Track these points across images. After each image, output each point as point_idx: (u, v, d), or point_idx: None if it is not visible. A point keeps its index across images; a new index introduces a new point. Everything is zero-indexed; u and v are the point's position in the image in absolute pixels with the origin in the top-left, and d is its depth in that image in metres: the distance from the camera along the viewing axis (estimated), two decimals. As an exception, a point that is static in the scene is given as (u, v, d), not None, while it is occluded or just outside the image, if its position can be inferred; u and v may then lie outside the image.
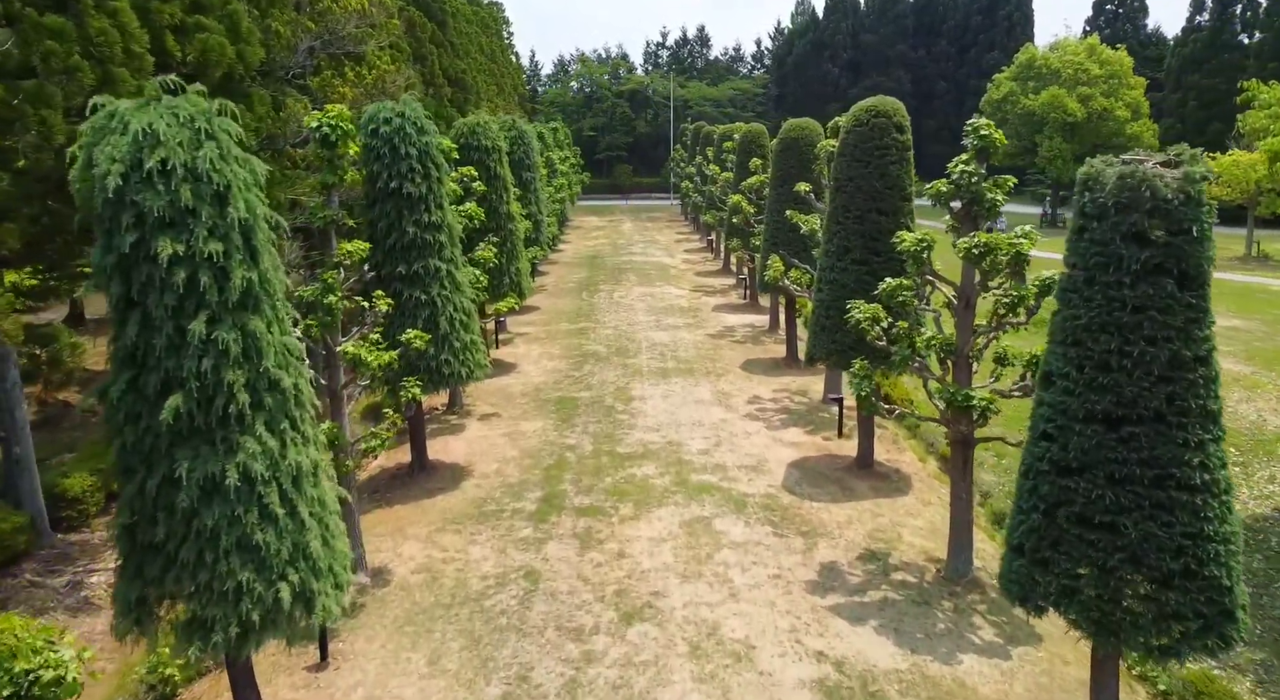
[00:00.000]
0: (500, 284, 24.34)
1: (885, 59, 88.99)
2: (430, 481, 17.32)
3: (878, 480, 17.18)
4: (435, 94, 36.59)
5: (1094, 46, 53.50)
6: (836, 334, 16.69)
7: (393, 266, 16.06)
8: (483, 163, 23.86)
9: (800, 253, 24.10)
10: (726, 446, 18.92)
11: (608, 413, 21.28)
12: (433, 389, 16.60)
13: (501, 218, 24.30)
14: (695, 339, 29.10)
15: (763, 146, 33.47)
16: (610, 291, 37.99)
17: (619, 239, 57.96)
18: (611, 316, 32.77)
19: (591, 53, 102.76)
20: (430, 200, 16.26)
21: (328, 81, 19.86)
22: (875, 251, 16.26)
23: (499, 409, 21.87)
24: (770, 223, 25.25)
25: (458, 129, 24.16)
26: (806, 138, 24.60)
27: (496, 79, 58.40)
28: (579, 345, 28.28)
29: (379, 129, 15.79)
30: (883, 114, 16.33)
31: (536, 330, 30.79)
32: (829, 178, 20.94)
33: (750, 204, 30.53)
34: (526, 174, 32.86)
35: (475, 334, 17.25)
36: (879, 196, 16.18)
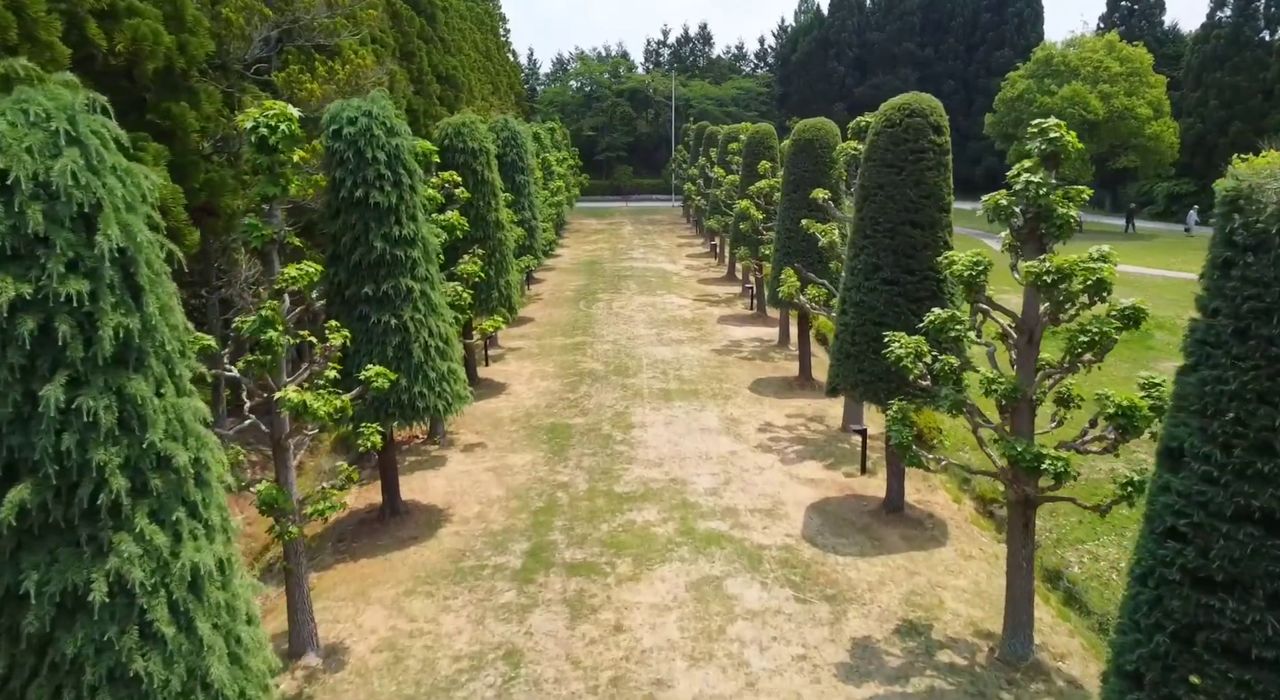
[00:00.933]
0: (489, 299, 22.36)
1: (892, 57, 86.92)
2: (403, 528, 15.30)
3: (909, 527, 15.16)
4: (424, 92, 34.57)
5: (1113, 43, 51.47)
6: (863, 362, 14.68)
7: (358, 287, 14.06)
8: (468, 166, 21.88)
9: (816, 266, 22.07)
10: (737, 485, 16.90)
11: (605, 443, 19.25)
12: (405, 425, 14.61)
13: (489, 226, 22.30)
14: (700, 355, 27.08)
15: (771, 148, 31.47)
16: (609, 301, 35.97)
17: (619, 243, 55.94)
18: (610, 329, 30.74)
19: (591, 51, 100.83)
20: (402, 211, 14.26)
21: (294, 77, 17.84)
22: (909, 270, 14.25)
23: (485, 438, 19.85)
24: (782, 231, 23.23)
25: (441, 130, 22.18)
26: (822, 139, 22.57)
27: (492, 77, 56.37)
28: (575, 362, 26.26)
29: (342, 130, 13.79)
30: (918, 113, 14.30)
31: (530, 345, 28.77)
32: (854, 184, 18.93)
33: (759, 210, 28.50)
34: (520, 177, 30.91)
35: (454, 361, 15.24)
36: (913, 207, 14.16)
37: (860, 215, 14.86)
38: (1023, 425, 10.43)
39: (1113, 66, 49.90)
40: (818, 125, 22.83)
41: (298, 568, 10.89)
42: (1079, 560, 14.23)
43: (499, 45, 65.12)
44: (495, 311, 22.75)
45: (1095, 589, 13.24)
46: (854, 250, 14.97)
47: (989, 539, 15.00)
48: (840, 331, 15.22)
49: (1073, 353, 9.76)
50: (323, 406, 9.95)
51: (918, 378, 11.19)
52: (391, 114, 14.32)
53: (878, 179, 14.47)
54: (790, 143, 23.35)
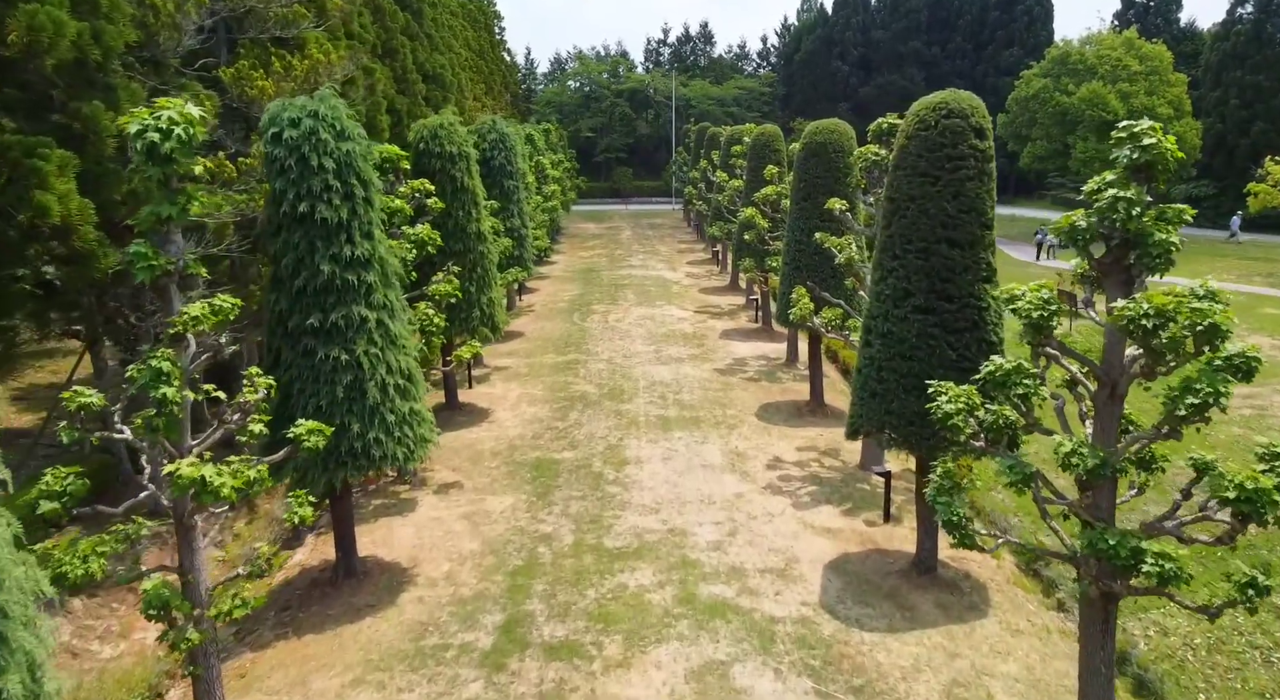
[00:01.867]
0: (469, 318, 20.32)
1: (898, 56, 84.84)
2: (359, 592, 13.24)
3: (944, 591, 13.09)
4: (408, 92, 32.54)
5: (1132, 40, 49.36)
6: (892, 402, 12.64)
7: (303, 316, 12.04)
8: (446, 173, 19.85)
9: (829, 281, 20.03)
10: (744, 536, 14.84)
11: (595, 483, 17.19)
12: (358, 476, 12.56)
13: (469, 239, 20.27)
14: (701, 375, 25.01)
15: (778, 151, 29.42)
16: (605, 313, 33.90)
17: (617, 249, 53.88)
18: (605, 345, 28.68)
19: (590, 50, 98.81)
20: (354, 228, 12.24)
21: (244, 73, 15.81)
22: (946, 296, 12.20)
23: (463, 475, 17.80)
24: (791, 243, 21.17)
25: (416, 132, 20.15)
26: (835, 143, 20.51)
27: (485, 77, 54.35)
28: (566, 385, 24.19)
29: (283, 134, 11.78)
30: (956, 113, 12.26)
31: (518, 363, 26.71)
32: (875, 193, 16.87)
33: (765, 218, 26.46)
34: (508, 182, 28.89)
35: (417, 400, 13.20)
36: (952, 223, 12.11)
37: (888, 232, 12.80)
38: (1104, 501, 8.37)
39: (1132, 64, 47.80)
40: (830, 127, 20.77)
41: (207, 672, 8.84)
42: (1144, 633, 12.17)
43: (493, 44, 63.12)
44: (477, 332, 20.73)
45: (1170, 674, 11.17)
46: (880, 272, 12.92)
47: (1036, 605, 12.94)
48: (864, 365, 13.16)
49: (1173, 416, 7.69)
50: (227, 482, 7.88)
51: (969, 438, 9.13)
52: (343, 115, 12.30)
53: (909, 190, 12.43)
54: (800, 146, 21.30)
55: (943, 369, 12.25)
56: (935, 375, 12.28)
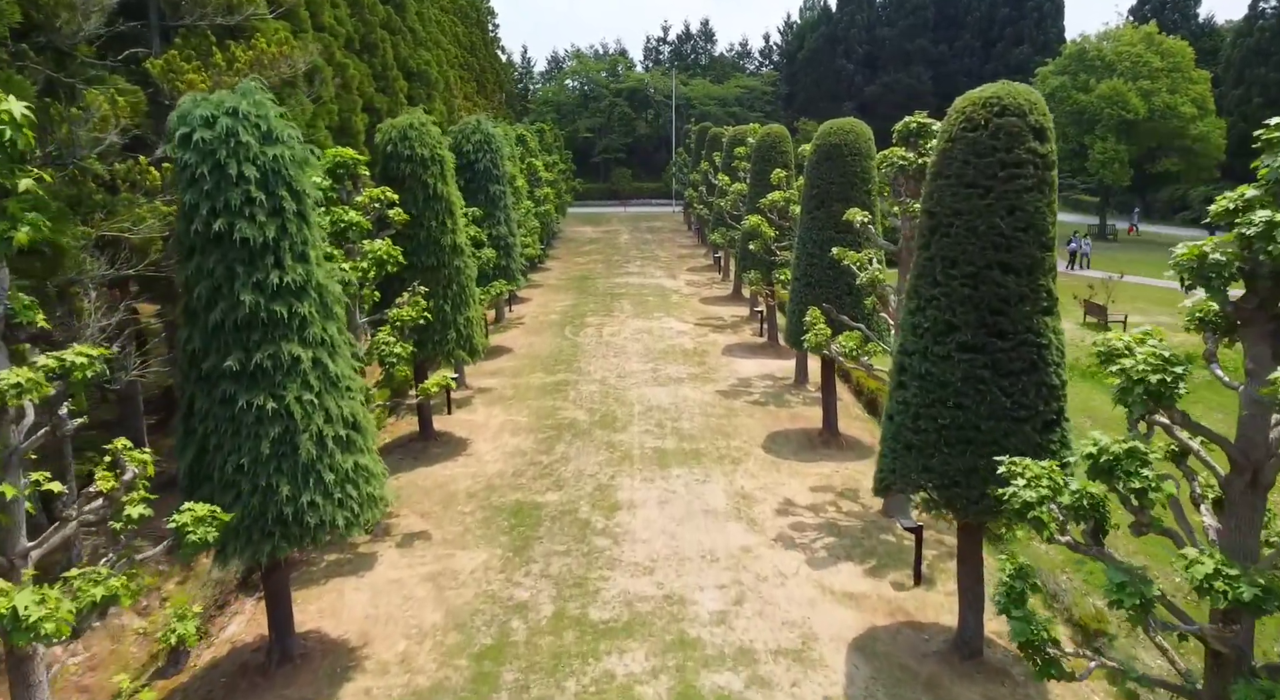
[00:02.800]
0: (443, 340, 18.22)
1: (904, 54, 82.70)
2: (293, 684, 11.12)
3: (992, 681, 10.96)
4: (388, 89, 30.43)
5: (1152, 35, 47.19)
6: (931, 457, 10.52)
7: (219, 357, 9.92)
8: (416, 178, 17.75)
9: (846, 298, 17.93)
10: (753, 604, 12.71)
11: (581, 533, 15.06)
12: (285, 551, 10.43)
13: (443, 252, 18.16)
14: (703, 399, 22.87)
15: (784, 153, 27.32)
16: (599, 326, 31.75)
17: (614, 254, 51.75)
18: (599, 364, 26.54)
19: (588, 49, 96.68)
20: (283, 249, 10.11)
21: (174, 64, 13.69)
22: (999, 331, 10.06)
23: (431, 523, 15.67)
24: (803, 255, 19.05)
25: (383, 134, 18.03)
26: (852, 145, 18.39)
27: (477, 75, 52.26)
28: (554, 410, 22.05)
29: (194, 135, 9.66)
30: (1012, 110, 10.11)
31: (503, 384, 24.57)
32: (902, 203, 14.73)
33: (771, 226, 24.33)
34: (494, 187, 26.79)
35: (365, 452, 11.08)
36: (1005, 244, 9.98)
37: (926, 253, 10.67)
38: (1245, 631, 6.24)
39: (1153, 61, 45.64)
40: (846, 127, 18.63)
41: None
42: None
43: (486, 41, 61.00)
44: (453, 356, 18.60)
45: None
46: (917, 301, 10.78)
47: (1103, 696, 10.80)
48: (896, 410, 11.03)
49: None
50: (55, 612, 5.73)
51: (1054, 532, 6.99)
52: (270, 112, 10.18)
53: (953, 203, 10.29)
54: (812, 149, 19.17)
55: (993, 419, 10.14)
56: (985, 426, 10.18)
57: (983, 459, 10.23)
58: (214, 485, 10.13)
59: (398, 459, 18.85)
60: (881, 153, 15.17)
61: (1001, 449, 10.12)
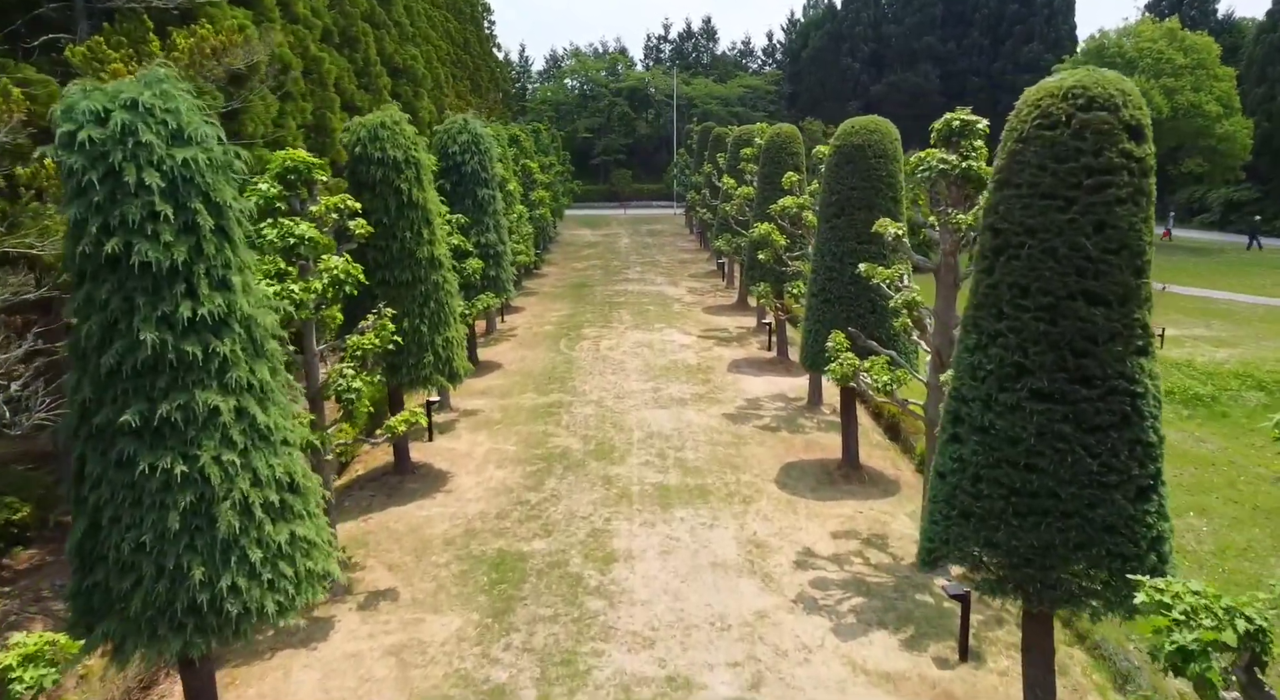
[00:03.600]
0: (419, 365, 16.28)
1: (911, 52, 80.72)
2: (220, 799, 9.17)
3: (1066, 797, 9.00)
4: (370, 86, 28.50)
5: (1174, 31, 45.23)
6: (995, 530, 8.59)
7: (115, 410, 7.99)
8: (388, 184, 15.82)
9: (870, 317, 16.00)
10: (774, 688, 10.75)
11: (571, 592, 13.11)
12: (201, 649, 8.49)
13: (419, 266, 16.26)
14: (708, 423, 20.91)
15: (795, 154, 25.38)
16: (597, 339, 29.79)
17: (613, 259, 49.79)
18: (595, 382, 24.59)
19: (588, 48, 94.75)
20: (198, 274, 8.18)
21: (98, 52, 11.75)
22: (1083, 377, 8.11)
23: (401, 577, 13.72)
24: (820, 269, 17.11)
25: (352, 133, 16.09)
26: (876, 146, 16.45)
27: (471, 72, 50.31)
28: (545, 437, 20.09)
29: (79, 133, 7.75)
30: (1100, 103, 8.13)
31: (491, 406, 22.61)
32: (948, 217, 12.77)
33: (783, 235, 22.38)
34: (483, 191, 24.87)
35: (306, 518, 9.16)
36: (1092, 269, 8.03)
37: (990, 280, 8.70)
38: None
39: (1176, 57, 43.65)
40: (870, 127, 16.68)
41: None
42: None
43: (481, 38, 59.07)
44: (430, 381, 16.66)
45: None
46: (977, 336, 8.81)
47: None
48: (950, 469, 9.06)
49: None
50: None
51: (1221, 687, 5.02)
52: (182, 105, 8.26)
53: (1024, 218, 8.33)
54: (830, 150, 17.22)
55: (1075, 484, 8.20)
56: (1065, 493, 8.24)
57: (1062, 533, 8.30)
58: (109, 567, 8.21)
59: (369, 496, 16.93)
60: (916, 155, 13.19)
61: (1086, 521, 8.21)
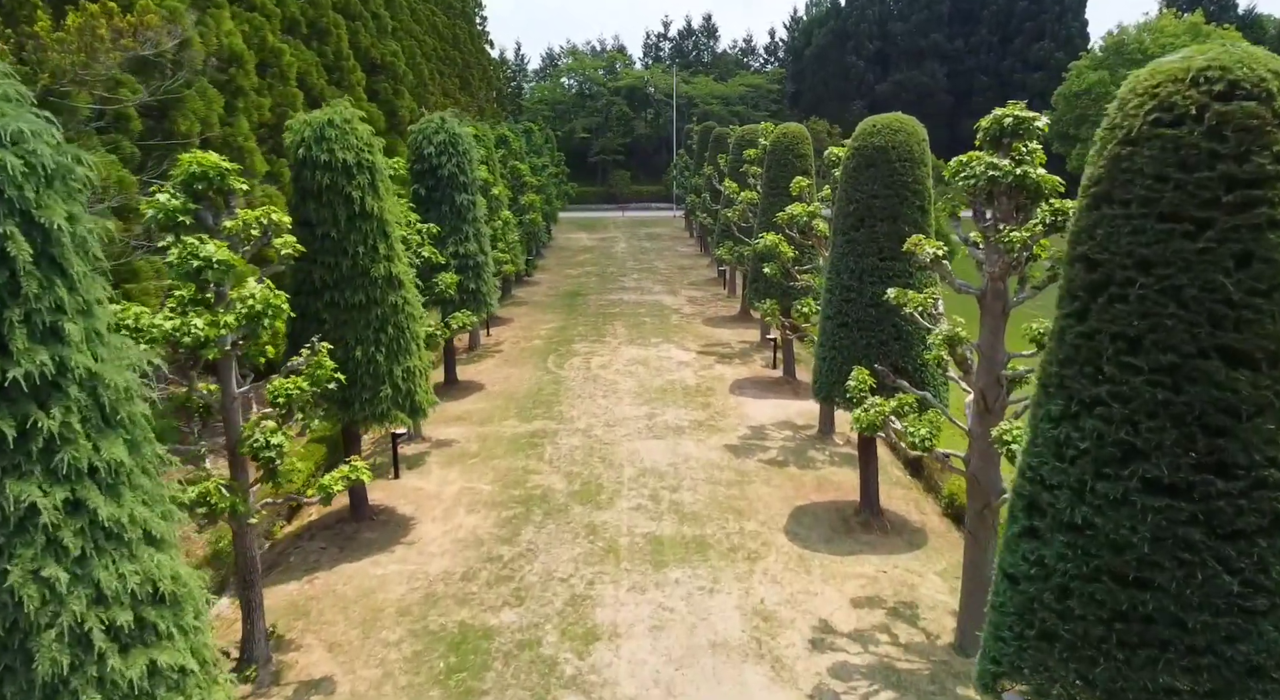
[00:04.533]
0: (375, 400, 14.13)
1: (917, 50, 78.63)
2: None
3: None
4: (343, 82, 26.34)
5: (1199, 26, 43.11)
6: (1095, 662, 6.40)
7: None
8: (337, 191, 13.69)
9: (895, 345, 13.84)
10: (787, 827, 8.55)
11: (542, 684, 10.91)
12: None
13: (374, 287, 14.12)
14: (708, 457, 18.73)
15: (804, 156, 23.22)
16: (588, 356, 27.60)
17: (609, 266, 47.60)
18: (584, 406, 22.40)
19: (585, 46, 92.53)
20: (11, 323, 5.98)
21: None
22: (1220, 464, 5.89)
23: (341, 660, 11.52)
24: (837, 287, 14.95)
25: (295, 132, 13.91)
26: (903, 147, 14.30)
27: (460, 69, 48.14)
28: (524, 475, 17.90)
29: None
30: (1244, 91, 5.85)
31: (468, 436, 20.42)
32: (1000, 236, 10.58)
33: (791, 246, 20.20)
34: (462, 197, 22.76)
35: (177, 639, 6.92)
36: (1235, 317, 5.81)
37: (1080, 327, 6.48)
38: None
39: (1201, 54, 41.37)
40: (894, 125, 14.52)
41: None
42: None
43: (473, 35, 56.90)
44: (388, 418, 14.47)
45: None
46: (1064, 402, 6.58)
47: None
48: (1024, 573, 6.85)
49: None
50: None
51: None
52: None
53: (1133, 246, 6.12)
54: (848, 153, 15.05)
55: (1208, 609, 6.01)
56: (1193, 621, 6.03)
57: (1189, 675, 6.12)
58: None
59: (318, 549, 14.76)
60: (956, 159, 10.99)
61: (1222, 661, 6.02)
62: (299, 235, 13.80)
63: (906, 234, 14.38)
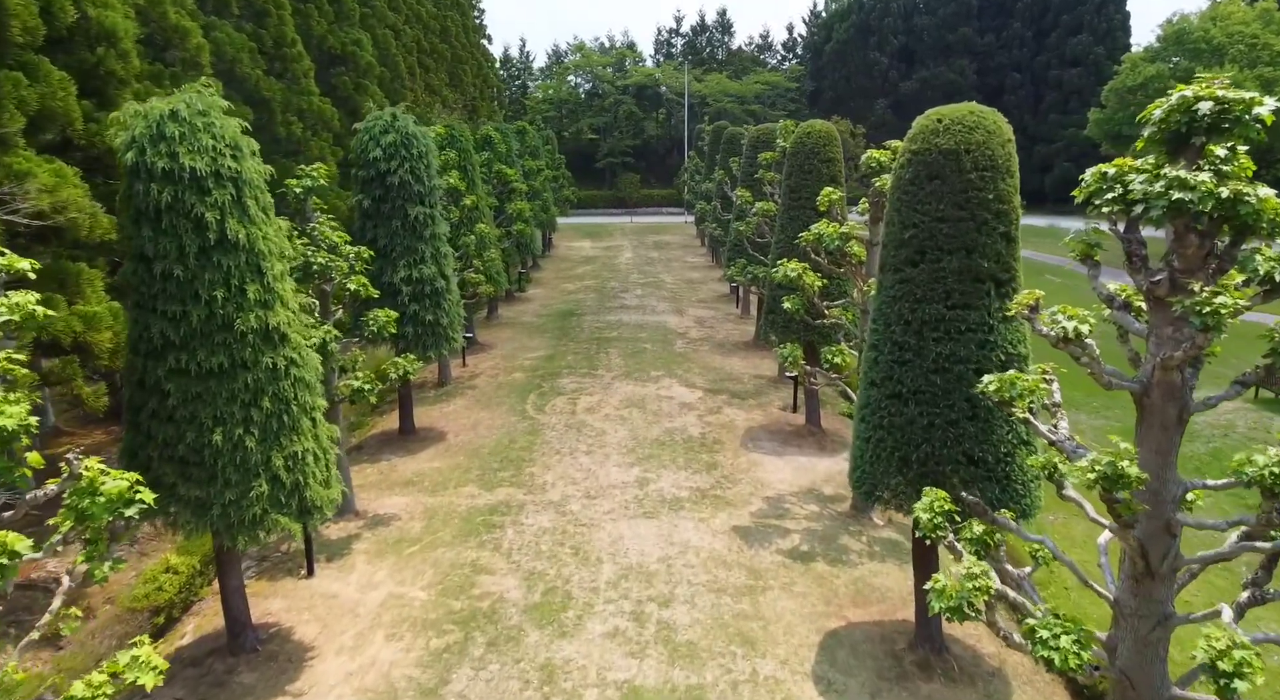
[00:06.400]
0: (243, 501, 10.17)
1: (945, 45, 74.06)
2: None
3: None
4: (286, 73, 22.43)
5: (1271, 12, 38.45)
6: None
7: None
8: (183, 212, 9.72)
9: (968, 427, 9.72)
10: None
11: None
12: None
13: (241, 346, 10.14)
14: (712, 548, 14.62)
15: (831, 161, 19.12)
16: (574, 395, 23.51)
17: (611, 280, 43.48)
18: (561, 468, 18.33)
19: (593, 42, 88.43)
20: None
21: None
22: None
23: None
24: (885, 342, 10.89)
25: (119, 127, 9.92)
26: (982, 151, 10.21)
27: (450, 65, 44.20)
28: (472, 574, 13.84)
29: None
30: None
31: (412, 509, 16.40)
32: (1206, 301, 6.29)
33: (817, 274, 16.06)
34: (417, 209, 18.90)
35: None
36: None
37: None
38: None
39: (1274, 43, 36.88)
40: (969, 120, 10.42)
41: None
42: None
43: (468, 27, 52.97)
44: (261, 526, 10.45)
45: None
46: None
47: None
48: None
49: None
50: None
51: None
52: None
53: None
54: (902, 161, 10.95)
55: None
56: None
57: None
58: None
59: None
60: (1096, 169, 6.82)
61: None
62: (134, 273, 9.93)
63: (986, 272, 10.34)
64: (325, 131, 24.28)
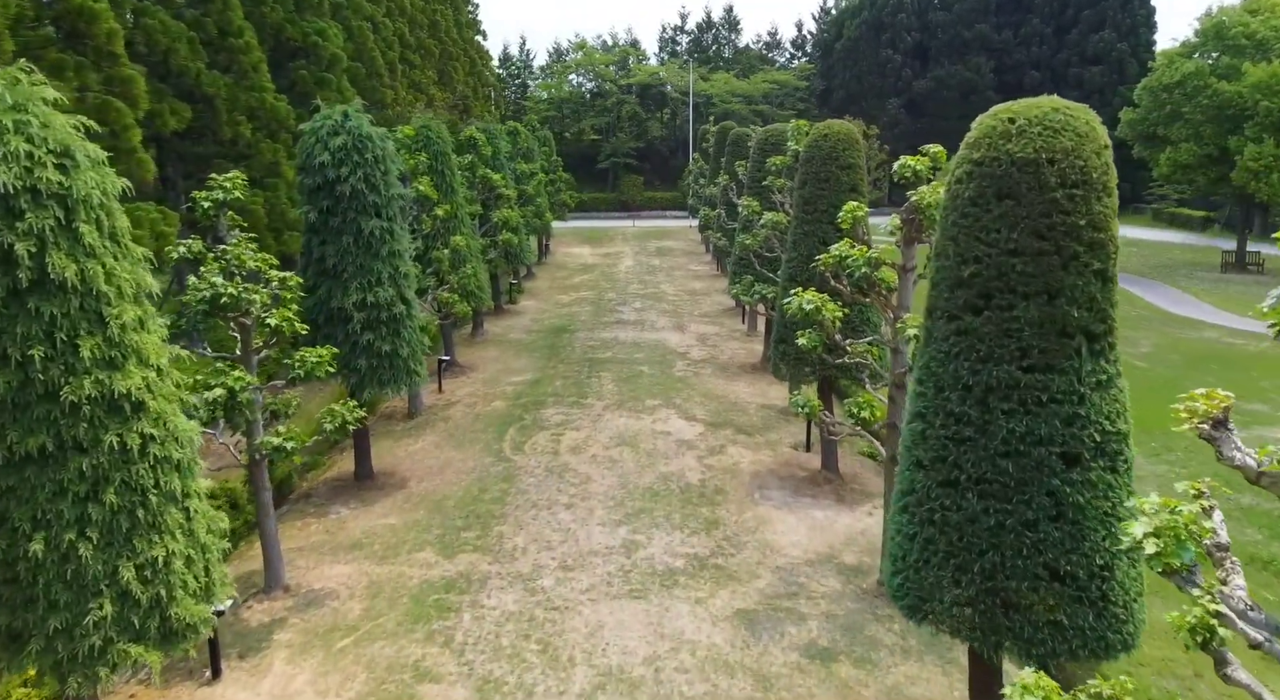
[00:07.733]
0: (76, 632, 7.49)
1: (961, 42, 71.23)
2: None
3: None
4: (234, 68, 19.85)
5: (1320, 4, 35.57)
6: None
7: None
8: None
9: (1056, 529, 7.01)
10: None
11: None
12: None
13: (72, 422, 7.51)
14: (712, 645, 11.94)
15: (851, 167, 16.50)
16: (559, 431, 20.85)
17: (609, 291, 40.82)
18: (535, 528, 15.68)
19: (595, 40, 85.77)
20: None
21: None
22: None
23: None
24: (938, 415, 8.19)
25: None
26: (1069, 162, 7.60)
27: (440, 62, 41.63)
28: (411, 682, 11.20)
29: None
30: None
31: (354, 582, 13.79)
32: None
33: (838, 304, 13.35)
34: (372, 223, 16.34)
35: None
36: None
37: None
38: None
39: (1325, 37, 34.02)
40: (1053, 121, 7.80)
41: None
42: None
43: (461, 22, 50.39)
44: (104, 661, 7.86)
45: None
46: None
47: None
48: None
49: None
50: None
51: None
52: None
53: None
54: (961, 171, 8.28)
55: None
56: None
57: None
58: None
59: None
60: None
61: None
62: (-76, 328, 7.35)
63: (1075, 322, 7.69)
64: (283, 133, 21.72)
